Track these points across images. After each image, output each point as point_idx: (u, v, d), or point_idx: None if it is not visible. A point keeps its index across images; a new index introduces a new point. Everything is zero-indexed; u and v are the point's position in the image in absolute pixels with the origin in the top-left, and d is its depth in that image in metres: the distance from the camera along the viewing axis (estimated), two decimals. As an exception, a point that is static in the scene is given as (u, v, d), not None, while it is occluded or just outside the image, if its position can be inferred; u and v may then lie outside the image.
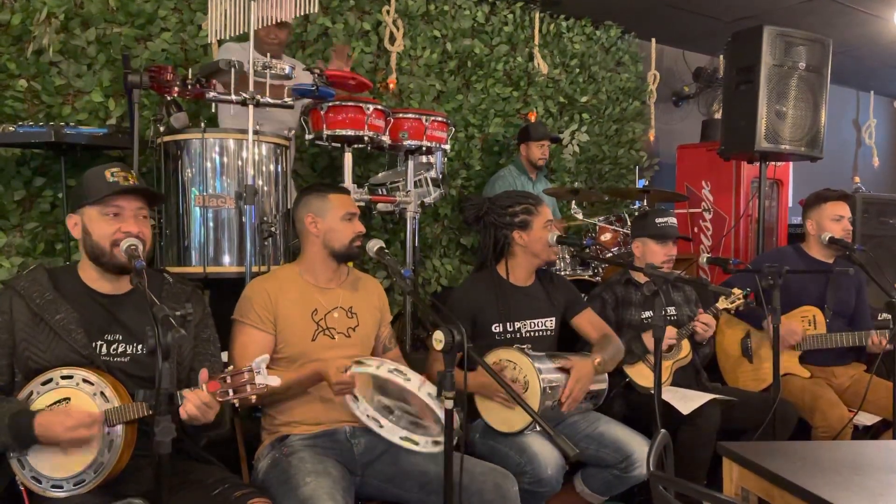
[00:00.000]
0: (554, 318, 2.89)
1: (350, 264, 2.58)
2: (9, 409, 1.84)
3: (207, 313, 2.22)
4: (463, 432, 2.07)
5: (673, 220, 3.24)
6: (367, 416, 2.11)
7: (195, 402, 1.78)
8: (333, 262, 2.46)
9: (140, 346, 2.00)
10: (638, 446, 2.58)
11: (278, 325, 2.35)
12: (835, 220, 3.38)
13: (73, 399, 1.87)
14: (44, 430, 1.79)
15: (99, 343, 1.98)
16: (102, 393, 1.87)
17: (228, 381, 1.82)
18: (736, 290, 2.95)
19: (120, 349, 2.00)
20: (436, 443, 2.02)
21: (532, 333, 2.84)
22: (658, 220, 3.21)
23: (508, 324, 2.79)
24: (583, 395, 2.64)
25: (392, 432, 2.07)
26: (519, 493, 2.42)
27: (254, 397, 1.84)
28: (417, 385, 2.01)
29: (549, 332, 2.88)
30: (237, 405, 1.91)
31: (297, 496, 2.04)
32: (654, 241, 3.19)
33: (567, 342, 3.01)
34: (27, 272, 2.05)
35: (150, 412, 1.80)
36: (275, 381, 1.83)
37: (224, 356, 2.32)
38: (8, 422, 1.81)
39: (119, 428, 1.85)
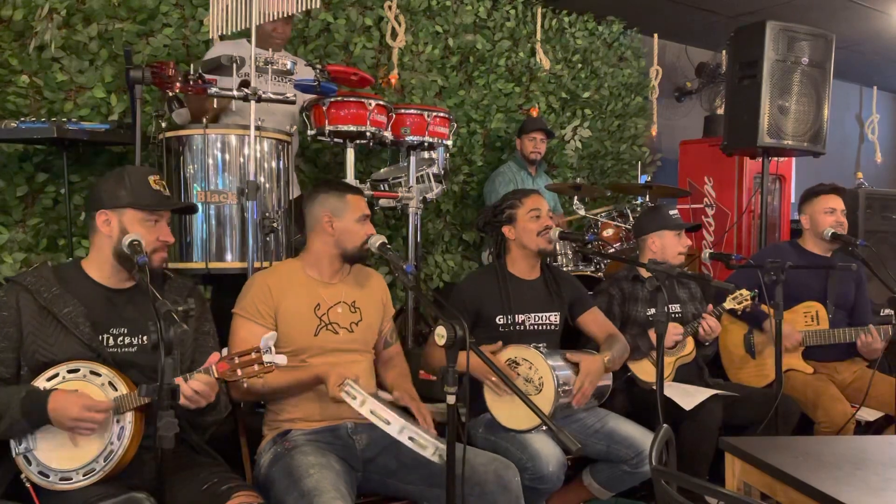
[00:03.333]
0: (558, 314, 2.90)
1: None
2: (22, 388, 1.87)
3: (207, 307, 2.26)
4: (465, 426, 2.08)
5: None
6: (371, 412, 2.06)
7: (194, 384, 1.82)
8: (340, 260, 2.46)
9: (145, 338, 2.03)
10: (649, 443, 2.58)
11: (279, 319, 2.35)
12: (827, 213, 3.39)
13: (82, 390, 1.88)
14: (57, 407, 1.81)
15: (105, 336, 2.01)
16: (111, 383, 1.89)
17: (236, 360, 1.84)
18: (743, 291, 2.95)
19: (126, 341, 2.03)
20: (440, 457, 1.99)
21: (536, 327, 2.84)
22: (671, 213, 3.23)
23: (511, 316, 2.80)
24: (593, 390, 2.64)
25: (400, 432, 2.01)
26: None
27: (262, 377, 1.87)
28: (397, 430, 1.99)
29: (553, 327, 2.88)
30: (240, 399, 1.92)
31: (300, 488, 2.04)
32: (672, 232, 3.19)
33: (570, 340, 3.02)
34: (32, 269, 2.09)
35: (149, 400, 1.82)
36: (282, 359, 1.86)
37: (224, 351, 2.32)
38: (23, 395, 1.83)
39: (129, 415, 1.87)
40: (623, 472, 2.62)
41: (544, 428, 2.51)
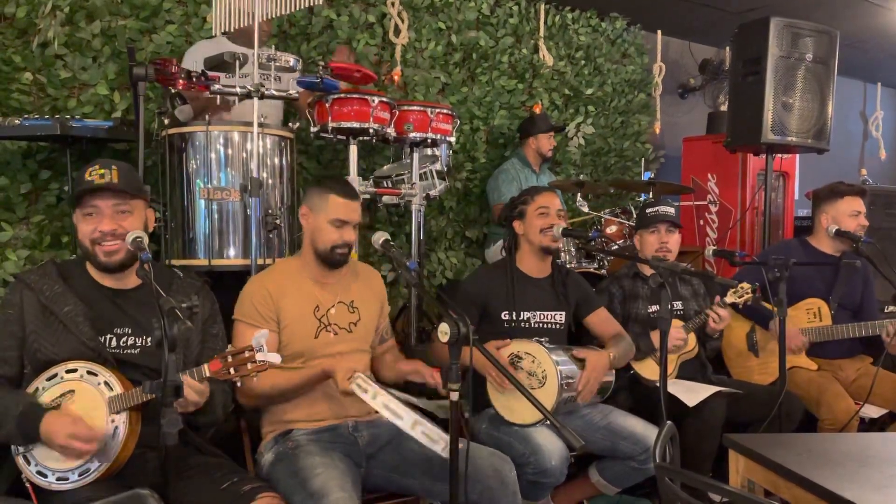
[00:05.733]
0: (564, 313, 2.91)
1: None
2: (20, 400, 1.86)
3: (216, 309, 2.24)
4: (469, 423, 2.08)
5: (665, 208, 3.19)
6: (384, 405, 2.04)
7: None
8: (318, 258, 2.42)
9: (149, 339, 2.02)
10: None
11: (281, 322, 2.34)
12: (852, 216, 3.35)
13: (78, 391, 1.88)
14: (48, 431, 1.81)
15: (108, 336, 2.00)
16: (106, 382, 1.89)
17: (230, 359, 1.84)
18: (744, 285, 2.94)
19: (129, 342, 2.02)
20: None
21: (541, 325, 2.85)
22: (648, 210, 3.19)
23: (517, 313, 2.80)
24: (597, 387, 2.65)
25: (413, 427, 2.00)
26: (523, 483, 2.43)
27: (255, 376, 1.86)
28: (409, 424, 1.98)
29: (558, 326, 2.89)
30: (239, 384, 1.92)
31: (307, 488, 2.04)
32: (645, 231, 3.18)
33: (575, 339, 3.02)
34: (38, 266, 2.08)
35: (153, 396, 1.82)
36: (275, 357, 1.85)
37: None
38: (20, 412, 1.83)
39: (123, 416, 1.87)
40: (631, 468, 2.63)
41: (548, 422, 2.51)
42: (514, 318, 2.81)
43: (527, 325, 2.83)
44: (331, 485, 2.03)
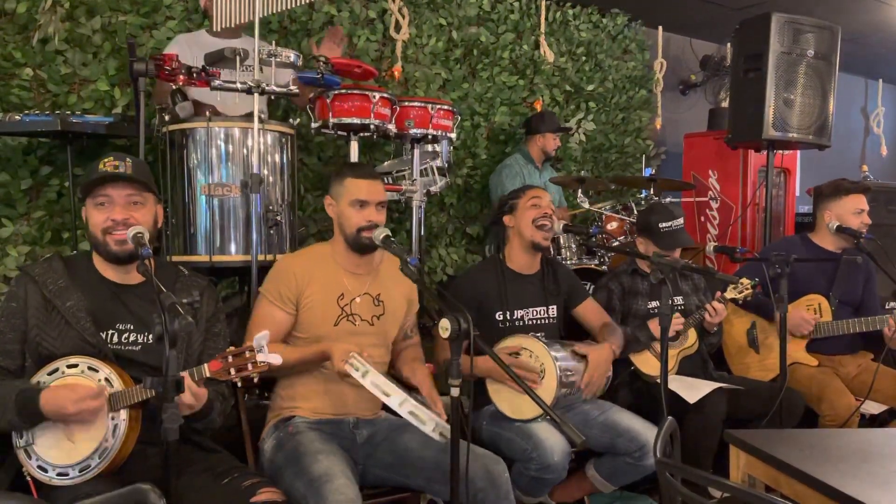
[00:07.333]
0: (555, 307, 2.91)
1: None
2: (13, 388, 1.87)
3: (220, 308, 2.23)
4: (469, 420, 2.08)
5: (678, 223, 3.15)
6: (374, 385, 2.05)
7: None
8: (349, 248, 2.41)
9: (150, 336, 2.01)
10: (652, 436, 2.58)
11: (301, 306, 2.34)
12: (856, 214, 3.34)
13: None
14: (50, 404, 1.81)
15: (110, 332, 2.00)
16: (107, 379, 1.89)
17: (230, 359, 1.84)
18: (744, 280, 2.94)
19: (131, 338, 2.02)
20: (441, 434, 2.00)
21: (534, 322, 2.85)
22: (662, 226, 3.13)
23: (510, 312, 2.80)
24: (602, 381, 2.65)
25: (400, 405, 2.01)
26: (526, 479, 2.44)
27: (255, 376, 1.86)
28: (397, 402, 1.99)
29: (551, 321, 2.90)
30: (240, 385, 1.92)
31: (309, 473, 2.04)
32: (655, 246, 3.15)
33: (573, 333, 3.02)
34: (44, 260, 2.08)
35: (154, 394, 1.81)
36: (276, 358, 1.85)
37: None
38: (14, 398, 1.83)
39: (123, 413, 1.86)
40: (626, 464, 2.63)
41: (548, 417, 2.52)
42: (508, 317, 2.81)
43: (521, 324, 2.83)
44: (334, 470, 2.04)
